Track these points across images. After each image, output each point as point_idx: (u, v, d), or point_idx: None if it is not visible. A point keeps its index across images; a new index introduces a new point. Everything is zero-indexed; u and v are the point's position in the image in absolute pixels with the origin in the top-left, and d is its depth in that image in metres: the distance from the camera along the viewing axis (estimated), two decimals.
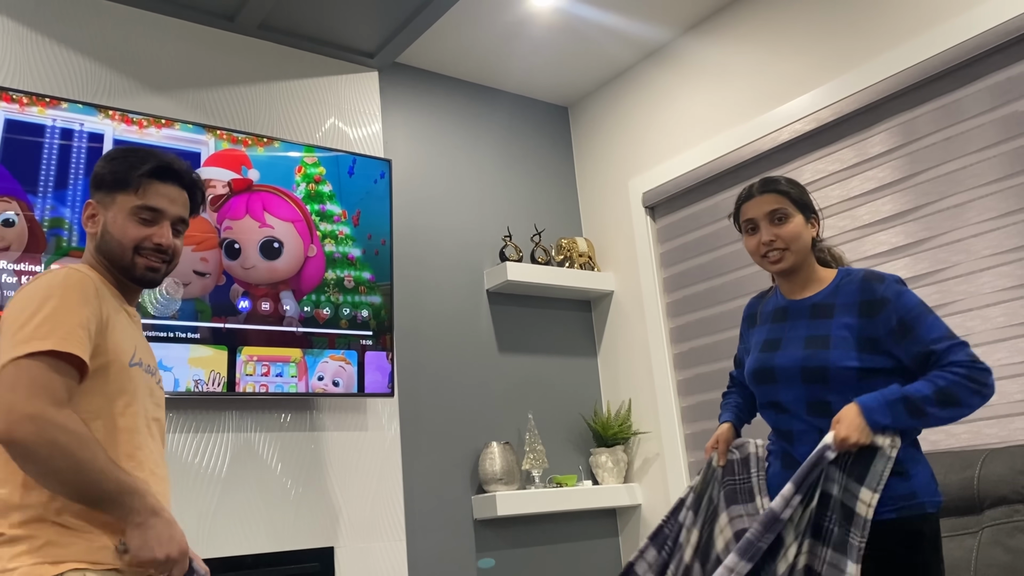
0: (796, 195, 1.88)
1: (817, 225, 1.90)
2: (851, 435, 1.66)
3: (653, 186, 3.59)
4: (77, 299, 1.42)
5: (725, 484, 1.94)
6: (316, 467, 2.83)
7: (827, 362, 1.76)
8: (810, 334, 1.82)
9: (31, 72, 2.58)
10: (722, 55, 3.39)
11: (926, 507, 1.71)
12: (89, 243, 1.60)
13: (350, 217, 2.97)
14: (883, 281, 1.78)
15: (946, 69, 2.67)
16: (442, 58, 3.57)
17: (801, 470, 1.69)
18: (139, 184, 1.55)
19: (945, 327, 1.74)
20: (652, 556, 1.95)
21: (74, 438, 1.32)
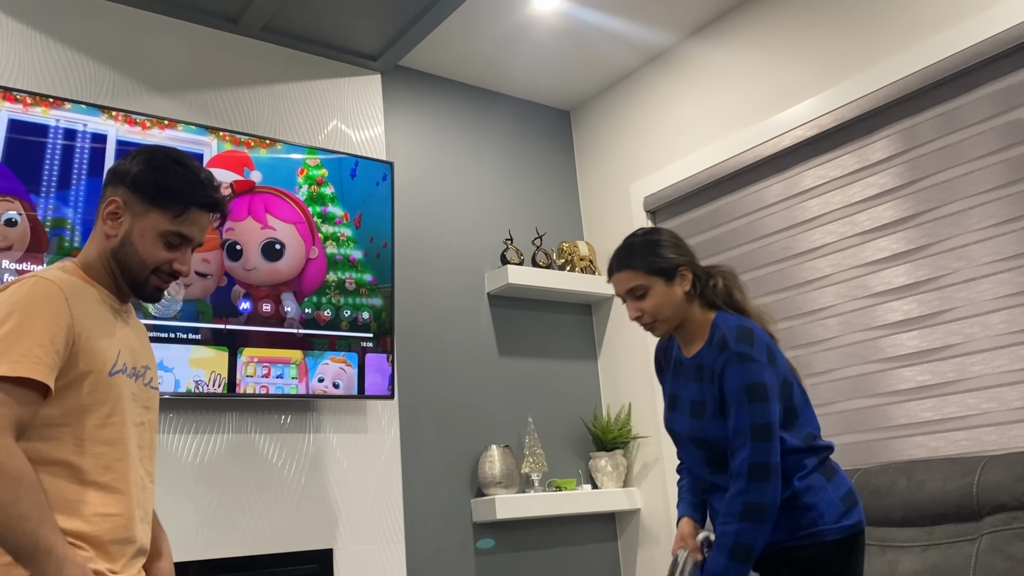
0: (649, 265, 1.87)
1: (689, 274, 1.89)
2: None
3: (654, 190, 3.60)
4: (40, 314, 1.36)
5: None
6: (316, 469, 2.83)
7: (705, 434, 1.85)
8: (693, 399, 1.88)
9: (35, 72, 2.59)
10: (725, 60, 3.40)
11: (825, 535, 1.77)
12: (100, 242, 1.52)
13: (352, 219, 2.97)
14: (725, 350, 1.80)
15: (947, 76, 2.68)
16: (445, 61, 3.57)
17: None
18: (182, 211, 1.51)
19: (752, 421, 1.74)
20: None
21: (7, 478, 1.25)
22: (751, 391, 1.76)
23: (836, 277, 2.95)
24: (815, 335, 2.99)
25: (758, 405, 1.75)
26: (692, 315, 1.90)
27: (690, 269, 1.90)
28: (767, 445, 1.74)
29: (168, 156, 1.56)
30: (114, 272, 1.52)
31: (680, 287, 1.88)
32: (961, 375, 2.59)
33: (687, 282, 1.89)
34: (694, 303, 1.90)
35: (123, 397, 1.47)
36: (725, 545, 1.74)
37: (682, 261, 1.89)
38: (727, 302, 1.93)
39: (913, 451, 2.68)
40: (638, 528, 3.51)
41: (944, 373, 2.63)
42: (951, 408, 2.60)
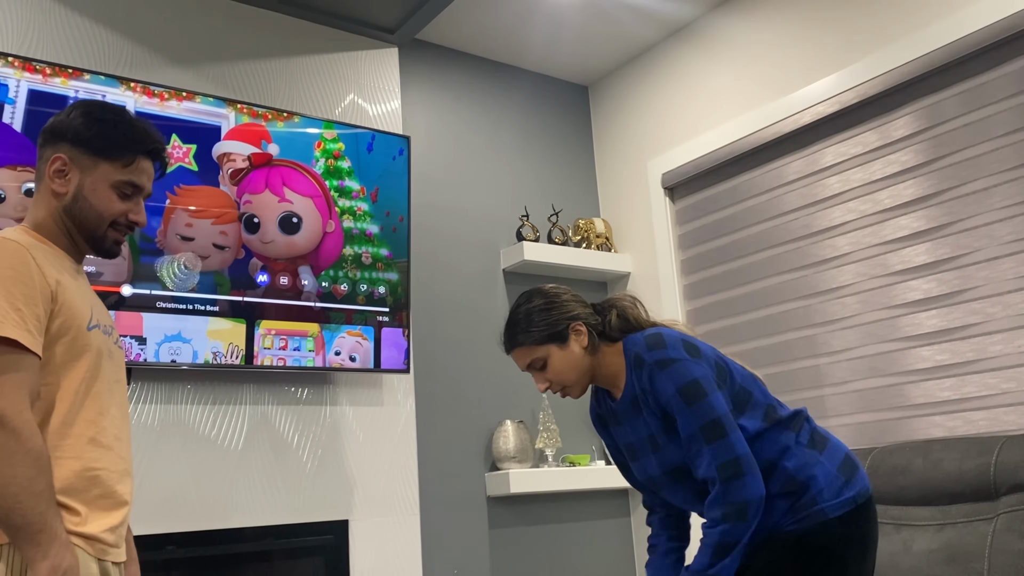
0: (536, 336, 1.79)
1: (582, 327, 1.80)
2: None
3: (672, 167, 3.58)
4: (15, 279, 1.34)
5: None
6: (332, 441, 2.85)
7: (673, 461, 1.75)
8: (648, 434, 1.78)
9: (54, 43, 2.60)
10: (747, 34, 3.36)
11: (827, 512, 1.69)
12: (48, 201, 1.49)
13: (368, 193, 2.97)
14: (642, 365, 1.72)
15: (972, 52, 2.64)
16: (462, 35, 3.55)
17: None
18: (132, 160, 1.50)
19: (700, 423, 1.66)
20: None
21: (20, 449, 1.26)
22: (685, 393, 1.67)
23: (855, 255, 2.93)
24: (833, 314, 2.97)
25: (698, 405, 1.66)
26: (603, 361, 1.83)
27: (582, 323, 1.81)
28: (725, 440, 1.64)
29: (105, 108, 1.54)
30: (69, 230, 1.50)
31: (577, 344, 1.80)
32: (980, 355, 2.57)
33: (583, 336, 1.80)
34: (600, 350, 1.82)
35: (101, 353, 1.47)
36: (709, 544, 1.66)
37: (568, 318, 1.80)
38: (628, 328, 1.84)
39: (930, 431, 2.67)
40: None
41: (963, 353, 2.61)
42: (969, 388, 2.59)
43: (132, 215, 1.52)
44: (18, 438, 1.25)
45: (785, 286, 3.13)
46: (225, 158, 2.68)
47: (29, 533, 1.25)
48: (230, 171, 2.68)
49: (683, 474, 1.76)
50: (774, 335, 3.14)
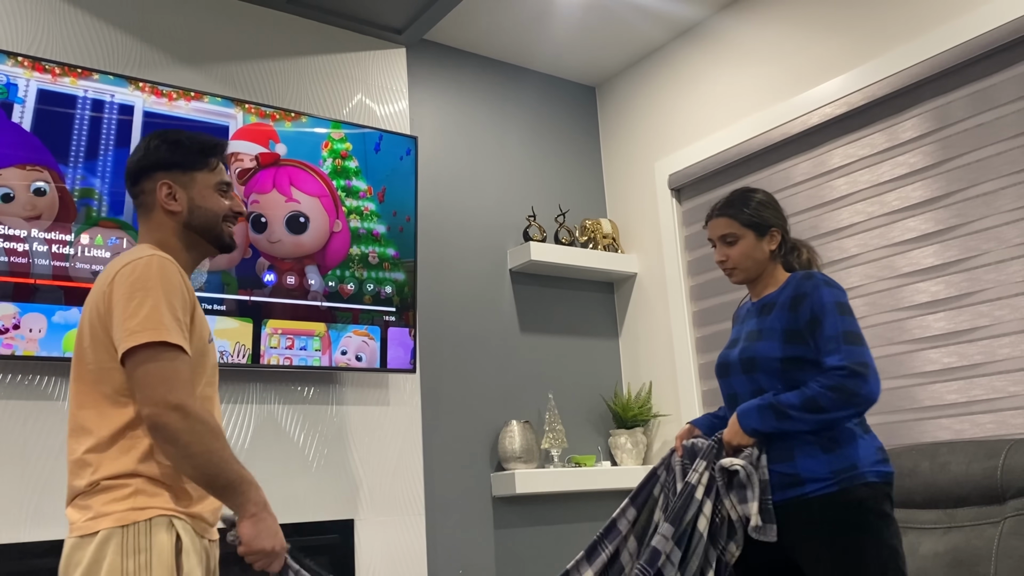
0: (747, 217, 2.02)
1: (779, 235, 2.03)
2: (731, 439, 1.90)
3: (679, 168, 3.57)
4: (174, 292, 1.54)
5: (678, 463, 2.04)
6: (338, 441, 2.86)
7: (755, 353, 1.93)
8: (753, 328, 1.99)
9: (64, 43, 2.61)
10: (754, 35, 3.35)
11: (867, 476, 1.81)
12: (164, 223, 1.67)
13: (375, 193, 2.98)
14: (811, 279, 1.93)
15: (981, 54, 2.63)
16: (470, 36, 3.55)
17: (708, 448, 1.93)
18: (214, 163, 1.73)
19: (844, 328, 1.84)
20: (632, 515, 2.05)
21: (208, 430, 1.48)
22: (840, 305, 1.87)
23: (863, 257, 2.92)
24: None
25: (847, 317, 1.86)
26: (769, 272, 2.04)
27: (780, 232, 2.04)
28: (861, 348, 1.82)
29: (171, 132, 1.76)
30: (192, 242, 1.70)
31: (768, 245, 2.02)
32: (988, 358, 2.56)
33: (775, 242, 2.03)
34: (776, 263, 2.05)
35: (216, 366, 1.69)
36: (804, 393, 1.82)
37: (775, 223, 2.04)
38: (803, 268, 2.06)
39: (937, 433, 2.66)
40: None
41: (971, 355, 2.60)
42: (977, 391, 2.58)
43: (235, 207, 1.76)
44: (202, 421, 1.48)
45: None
46: (233, 158, 2.69)
47: (233, 489, 1.50)
48: (238, 171, 2.69)
49: (752, 365, 1.95)
50: None
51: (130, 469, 1.49)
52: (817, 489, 1.82)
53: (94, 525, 1.46)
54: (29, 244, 2.33)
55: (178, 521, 1.50)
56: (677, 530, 1.83)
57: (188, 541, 1.50)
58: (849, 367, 1.80)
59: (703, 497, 1.87)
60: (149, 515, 1.47)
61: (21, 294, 2.30)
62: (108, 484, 1.48)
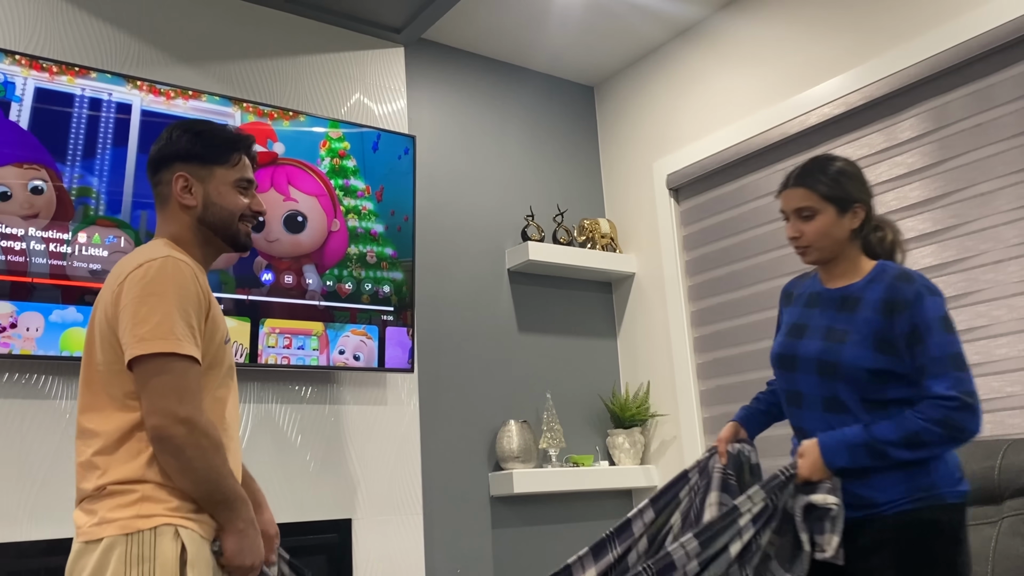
0: (828, 189, 1.78)
1: (863, 212, 1.80)
2: (811, 475, 1.70)
3: (678, 168, 3.57)
4: (188, 297, 1.51)
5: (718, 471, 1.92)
6: (335, 440, 2.86)
7: (840, 358, 1.73)
8: (832, 325, 1.77)
9: (61, 41, 2.60)
10: (754, 35, 3.35)
11: (945, 497, 1.67)
12: (180, 217, 1.64)
13: (373, 193, 2.98)
14: (912, 282, 1.71)
15: (979, 54, 2.63)
16: (468, 35, 3.55)
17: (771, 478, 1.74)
18: (237, 159, 1.68)
19: (952, 350, 1.66)
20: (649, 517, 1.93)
21: (212, 445, 1.47)
22: (946, 321, 1.67)
23: None
24: None
25: (954, 335, 1.67)
26: (848, 254, 1.82)
27: (865, 208, 1.80)
28: (969, 375, 1.65)
29: (197, 122, 1.71)
30: (206, 238, 1.66)
31: (850, 222, 1.79)
32: (986, 358, 2.56)
33: (858, 219, 1.80)
34: (855, 244, 1.82)
35: (232, 367, 1.66)
36: (904, 426, 1.64)
37: (860, 197, 1.80)
38: (886, 254, 1.85)
39: None
40: None
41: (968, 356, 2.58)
42: None
43: (255, 206, 1.71)
44: (207, 435, 1.47)
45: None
46: None
47: (227, 504, 1.50)
48: None
49: (832, 370, 1.75)
50: None
51: (138, 475, 1.47)
52: (890, 505, 1.67)
53: (99, 532, 1.45)
54: (26, 243, 2.33)
55: (184, 530, 1.47)
56: (704, 551, 1.68)
57: (195, 551, 1.47)
58: (960, 398, 1.61)
59: (747, 524, 1.70)
60: (154, 523, 1.45)
61: (18, 293, 2.30)
62: (115, 489, 1.47)
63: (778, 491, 1.73)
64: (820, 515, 1.69)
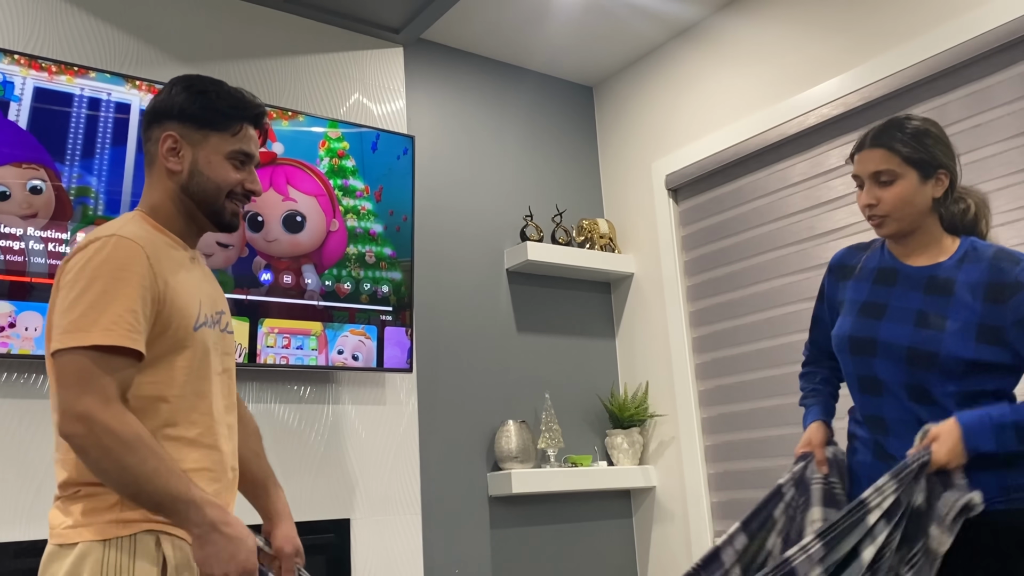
0: (910, 152, 1.60)
1: (947, 179, 1.62)
2: (951, 459, 1.48)
3: (676, 168, 3.57)
4: (127, 278, 1.33)
5: (818, 482, 1.72)
6: (334, 440, 2.86)
7: (939, 348, 1.55)
8: (924, 310, 1.59)
9: (60, 41, 2.60)
10: (752, 35, 3.35)
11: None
12: (163, 182, 1.48)
13: (372, 193, 2.98)
14: (1019, 263, 1.54)
15: (978, 55, 2.63)
16: (467, 35, 3.55)
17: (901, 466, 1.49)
18: (239, 128, 1.50)
19: None
20: (741, 543, 1.69)
21: (119, 442, 1.27)
22: None
23: None
24: None
25: None
26: (928, 227, 1.64)
27: (949, 176, 1.62)
28: None
29: (204, 80, 1.53)
30: (188, 210, 1.49)
31: (932, 189, 1.61)
32: None
33: (942, 187, 1.62)
34: (934, 217, 1.64)
35: (208, 350, 1.46)
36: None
37: (945, 162, 1.62)
38: (968, 228, 1.68)
39: None
40: (653, 506, 3.52)
41: None
42: None
43: (248, 184, 1.51)
44: (111, 432, 1.27)
45: (789, 288, 3.13)
46: None
47: (166, 508, 1.29)
48: None
49: (925, 360, 1.57)
50: (778, 337, 3.13)
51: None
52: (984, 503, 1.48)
53: (73, 535, 1.31)
54: (25, 242, 2.33)
55: (166, 537, 1.34)
56: (830, 555, 1.44)
57: (178, 560, 1.34)
58: None
59: (878, 522, 1.46)
60: (133, 530, 1.32)
61: (17, 292, 2.30)
62: (90, 491, 1.33)
63: (912, 483, 1.49)
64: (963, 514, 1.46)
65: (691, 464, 3.37)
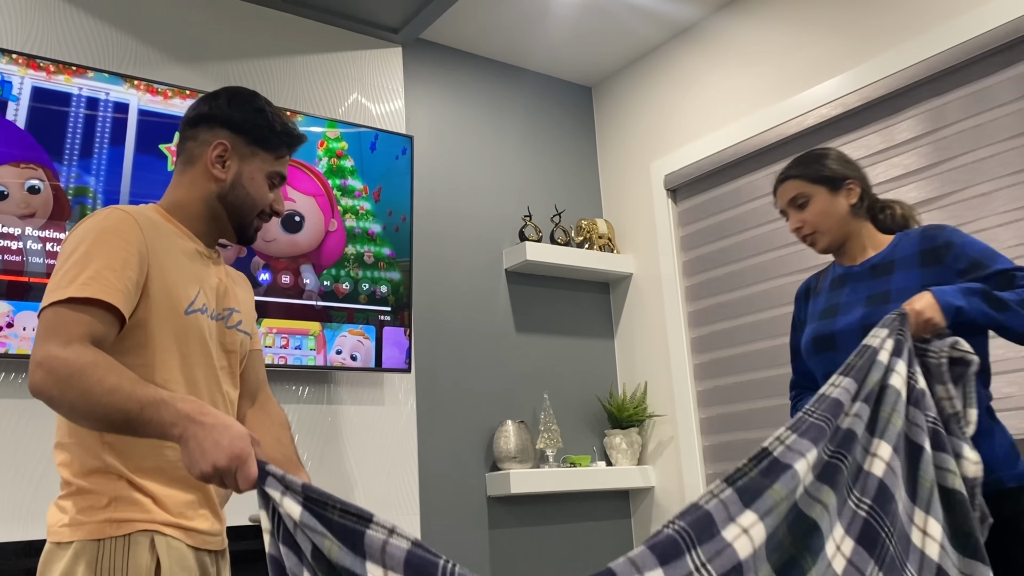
0: (813, 172, 1.82)
1: (857, 187, 1.81)
2: (925, 310, 1.55)
3: (675, 168, 3.57)
4: (111, 240, 1.32)
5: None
6: (332, 440, 2.85)
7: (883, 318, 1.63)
8: (871, 292, 1.74)
9: (58, 40, 2.60)
10: (751, 36, 3.35)
11: (1004, 482, 1.58)
12: (205, 184, 1.49)
13: (371, 193, 2.97)
14: (943, 228, 1.72)
15: (976, 56, 2.63)
16: (466, 35, 3.55)
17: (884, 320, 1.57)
18: (284, 153, 1.54)
19: (1010, 263, 1.64)
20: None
21: (75, 368, 1.20)
22: (989, 249, 1.67)
23: None
24: None
25: (1002, 256, 1.67)
26: (859, 232, 1.83)
27: (858, 184, 1.83)
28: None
29: (258, 98, 1.55)
30: (217, 216, 1.51)
31: (846, 199, 1.81)
32: None
33: (854, 195, 1.81)
34: (864, 222, 1.83)
35: (204, 339, 1.44)
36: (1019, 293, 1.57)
37: (849, 174, 1.83)
38: (898, 227, 1.83)
39: None
40: (651, 506, 3.52)
41: None
42: None
43: (276, 204, 1.55)
44: (65, 363, 1.20)
45: (788, 289, 3.13)
46: None
47: (135, 418, 1.20)
48: None
49: None
50: (776, 338, 3.13)
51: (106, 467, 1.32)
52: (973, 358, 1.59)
53: (69, 534, 1.31)
54: (23, 242, 2.32)
55: (161, 538, 1.32)
56: (861, 387, 1.43)
57: (171, 562, 1.32)
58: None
59: (891, 358, 1.49)
60: (127, 530, 1.30)
61: (15, 292, 2.30)
62: (83, 488, 1.33)
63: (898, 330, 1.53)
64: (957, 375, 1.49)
65: (690, 464, 3.37)
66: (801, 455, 1.27)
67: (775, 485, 1.22)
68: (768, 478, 1.23)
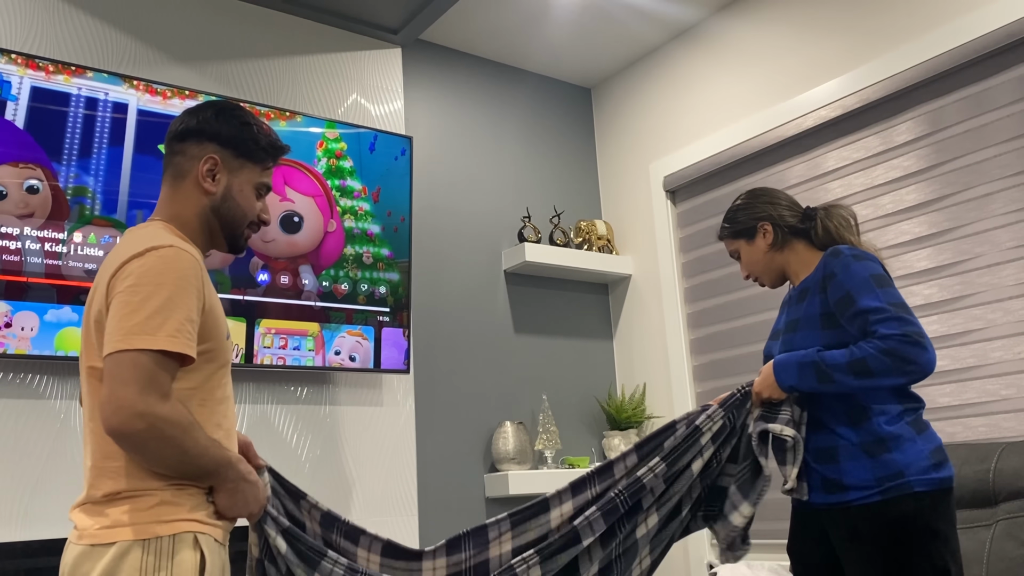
0: (731, 229, 2.00)
1: (769, 226, 1.95)
2: (763, 391, 1.84)
3: (675, 170, 3.57)
4: (189, 289, 1.41)
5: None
6: (331, 441, 2.85)
7: (793, 346, 1.85)
8: (790, 319, 1.91)
9: (57, 40, 2.60)
10: (750, 37, 3.36)
11: (914, 486, 1.67)
12: (198, 198, 1.54)
13: (370, 193, 2.97)
14: (838, 256, 1.81)
15: (975, 58, 2.63)
16: (466, 36, 3.55)
17: (728, 396, 1.89)
18: (270, 165, 1.62)
19: (891, 299, 1.71)
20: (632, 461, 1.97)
21: (179, 430, 1.35)
22: (878, 279, 1.75)
23: None
24: None
25: (891, 289, 1.74)
26: (791, 259, 1.96)
27: (769, 223, 1.96)
28: (912, 318, 1.69)
29: (245, 112, 1.62)
30: (211, 227, 1.57)
31: (762, 241, 1.97)
32: (981, 361, 2.56)
33: (768, 235, 1.96)
34: (793, 248, 1.95)
35: (229, 363, 1.56)
36: (853, 353, 1.70)
37: (758, 217, 1.97)
38: (830, 241, 1.92)
39: None
40: None
41: (964, 359, 2.60)
42: (970, 394, 2.58)
43: (263, 214, 1.63)
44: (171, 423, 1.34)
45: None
46: None
47: (210, 475, 1.42)
48: None
49: None
50: None
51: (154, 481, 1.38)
52: (860, 498, 1.70)
53: (110, 535, 1.33)
54: (22, 242, 2.32)
55: (204, 537, 1.39)
56: (670, 471, 1.81)
57: (212, 560, 1.39)
58: (908, 334, 1.65)
59: (707, 443, 1.83)
60: (174, 530, 1.36)
61: (13, 292, 2.29)
62: (131, 494, 1.37)
63: (736, 409, 1.87)
64: (780, 445, 1.79)
65: None
66: (593, 533, 1.76)
67: (568, 550, 1.78)
68: (564, 550, 1.77)
